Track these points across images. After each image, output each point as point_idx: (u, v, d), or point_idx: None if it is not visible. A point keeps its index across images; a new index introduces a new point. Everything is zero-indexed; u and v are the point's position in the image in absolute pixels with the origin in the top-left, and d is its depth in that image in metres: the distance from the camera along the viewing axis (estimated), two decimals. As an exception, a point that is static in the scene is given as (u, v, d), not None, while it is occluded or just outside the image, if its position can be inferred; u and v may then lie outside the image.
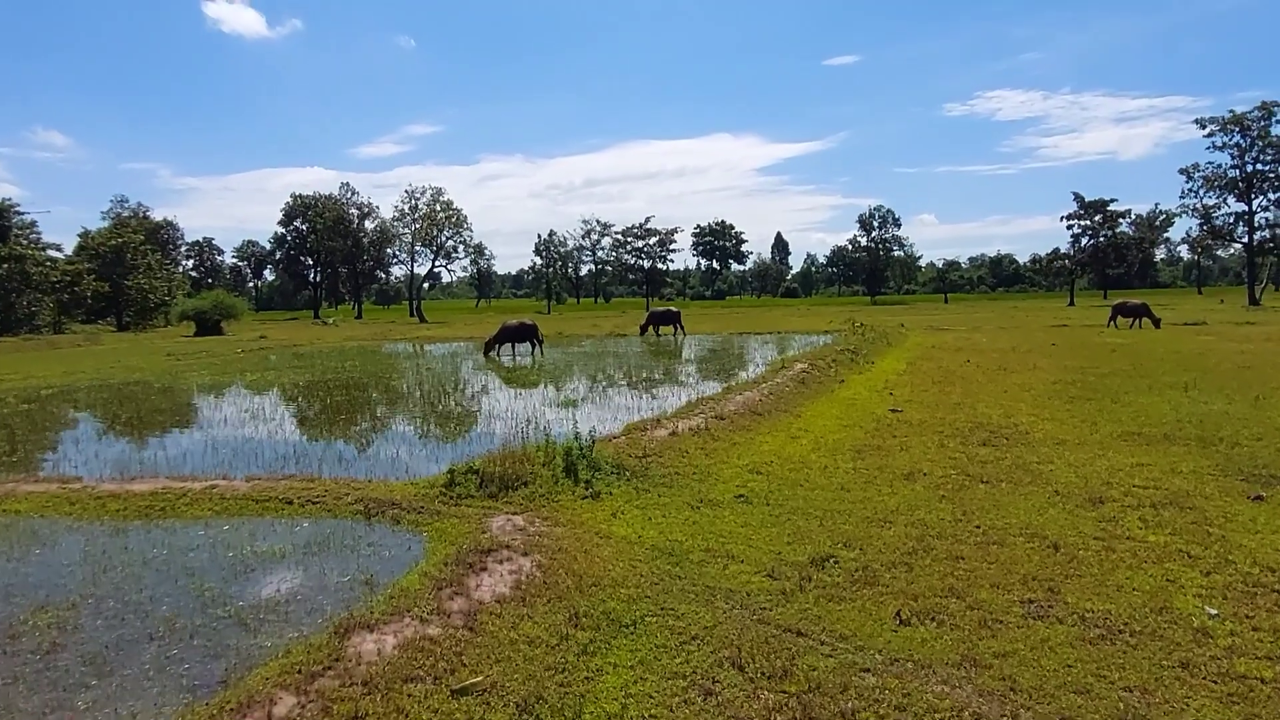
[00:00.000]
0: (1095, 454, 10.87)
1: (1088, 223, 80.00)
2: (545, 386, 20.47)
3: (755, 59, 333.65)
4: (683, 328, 40.33)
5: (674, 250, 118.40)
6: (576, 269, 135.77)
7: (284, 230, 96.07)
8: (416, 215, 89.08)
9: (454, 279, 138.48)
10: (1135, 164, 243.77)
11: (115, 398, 20.34)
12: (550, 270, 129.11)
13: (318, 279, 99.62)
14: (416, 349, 38.09)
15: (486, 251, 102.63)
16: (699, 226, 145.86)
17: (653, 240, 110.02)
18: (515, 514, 7.90)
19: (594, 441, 9.36)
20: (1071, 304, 75.67)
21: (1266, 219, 61.51)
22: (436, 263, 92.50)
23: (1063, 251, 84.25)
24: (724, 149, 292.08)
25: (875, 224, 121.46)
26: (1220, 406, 14.01)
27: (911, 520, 8.05)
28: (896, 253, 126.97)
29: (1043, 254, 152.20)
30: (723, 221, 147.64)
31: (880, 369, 21.99)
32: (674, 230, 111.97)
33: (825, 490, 9.27)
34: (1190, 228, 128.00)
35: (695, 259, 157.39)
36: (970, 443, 11.89)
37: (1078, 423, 13.21)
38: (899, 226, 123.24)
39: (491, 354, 30.05)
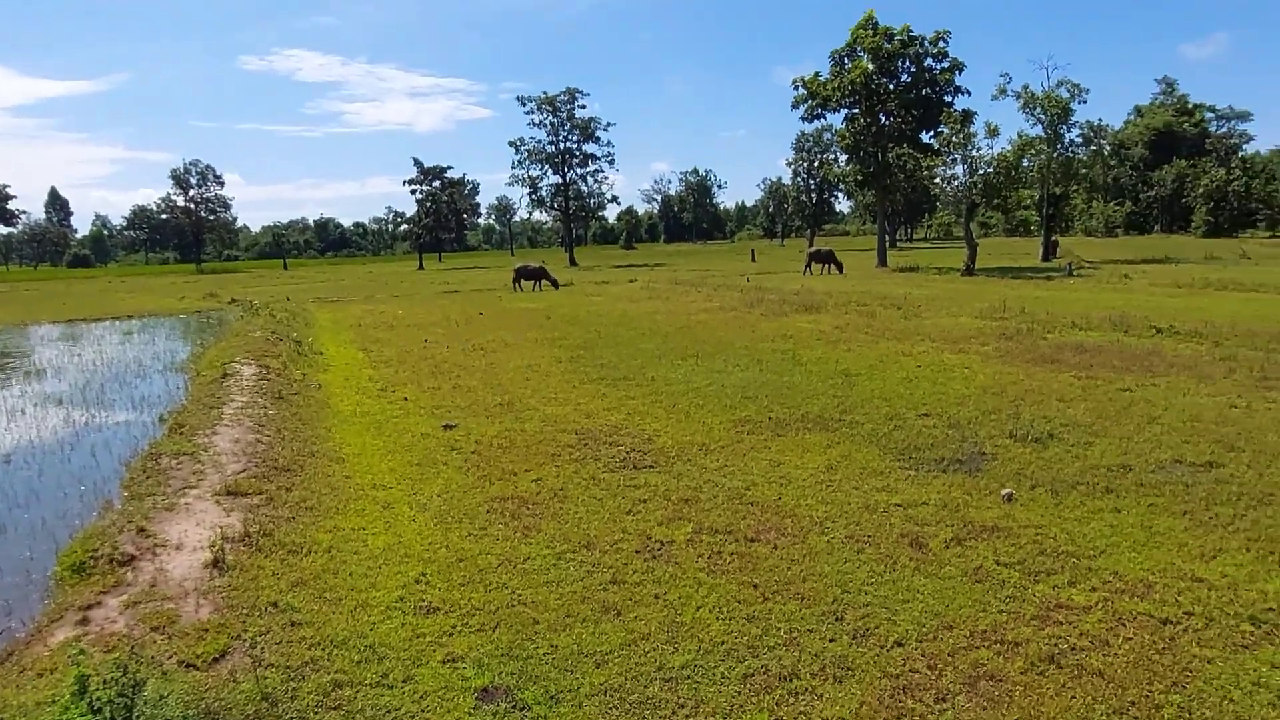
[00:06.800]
0: (748, 458, 8.96)
1: (429, 187, 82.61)
2: None
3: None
4: None
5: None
6: None
7: None
8: None
9: None
10: (430, 136, 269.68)
11: None
12: None
13: None
14: None
15: None
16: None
17: None
18: None
19: None
20: (421, 268, 77.61)
21: (579, 189, 71.91)
22: None
23: (410, 215, 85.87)
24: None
25: (194, 181, 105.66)
26: (755, 375, 13.68)
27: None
28: (220, 214, 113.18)
29: (367, 219, 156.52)
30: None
31: (338, 359, 17.22)
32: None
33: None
34: (503, 197, 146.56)
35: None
36: (603, 463, 8.86)
37: (666, 412, 11.31)
38: (222, 185, 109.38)
39: None
